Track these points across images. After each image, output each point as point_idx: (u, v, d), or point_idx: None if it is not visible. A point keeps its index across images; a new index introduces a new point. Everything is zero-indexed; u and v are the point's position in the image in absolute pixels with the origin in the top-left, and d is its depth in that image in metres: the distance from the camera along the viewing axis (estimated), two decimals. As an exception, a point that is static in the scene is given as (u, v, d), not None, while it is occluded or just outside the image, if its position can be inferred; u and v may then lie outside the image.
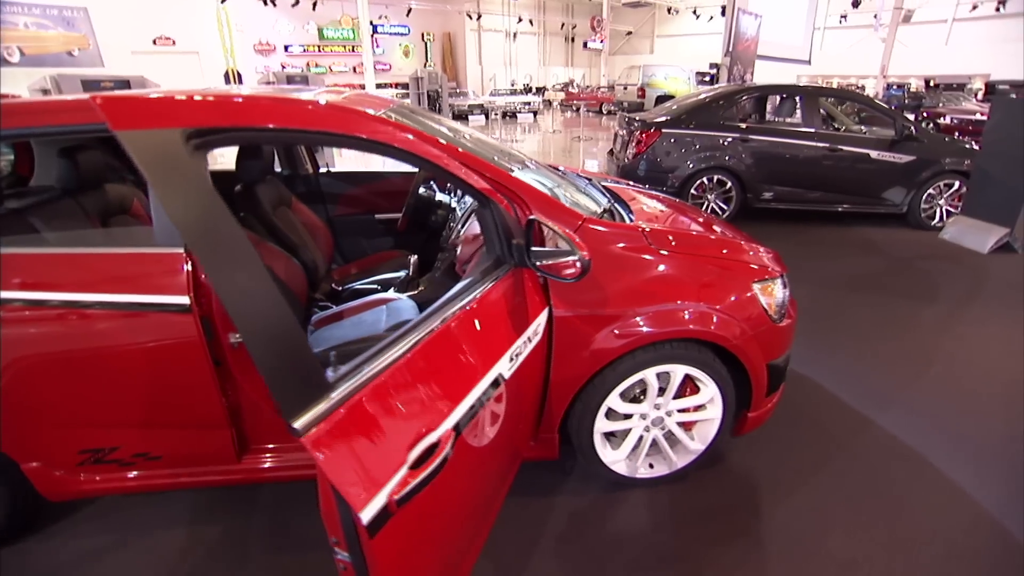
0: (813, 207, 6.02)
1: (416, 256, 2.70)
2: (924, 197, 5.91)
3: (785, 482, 2.29)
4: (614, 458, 2.17)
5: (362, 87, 13.32)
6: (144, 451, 1.83)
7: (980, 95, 17.98)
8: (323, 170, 3.30)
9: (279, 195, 2.77)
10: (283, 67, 18.63)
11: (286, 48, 19.27)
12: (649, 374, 2.01)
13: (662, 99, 17.53)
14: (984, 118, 13.73)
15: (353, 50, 20.17)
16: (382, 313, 2.35)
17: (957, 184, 5.84)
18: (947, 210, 5.97)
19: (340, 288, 2.77)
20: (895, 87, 18.14)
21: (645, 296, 1.91)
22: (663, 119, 5.83)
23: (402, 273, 2.81)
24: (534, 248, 1.65)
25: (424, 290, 2.61)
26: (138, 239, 1.80)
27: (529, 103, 19.74)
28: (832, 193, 5.93)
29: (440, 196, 2.92)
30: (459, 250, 2.03)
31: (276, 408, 1.03)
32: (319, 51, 19.97)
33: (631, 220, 2.23)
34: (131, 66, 13.53)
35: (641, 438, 2.16)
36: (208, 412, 1.78)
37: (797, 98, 6.04)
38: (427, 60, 23.65)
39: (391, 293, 2.67)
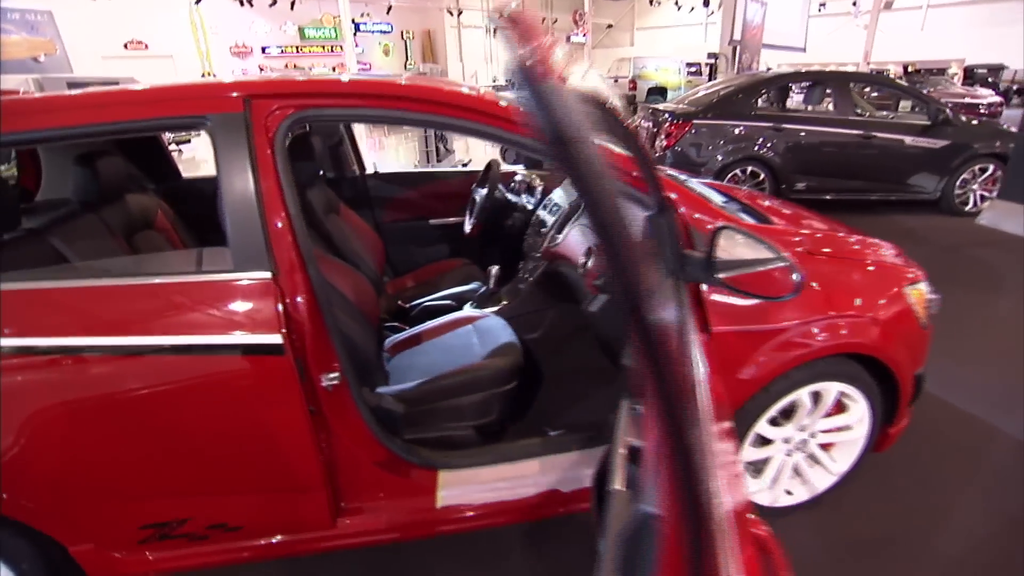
0: (845, 196, 5.83)
1: (498, 267, 2.38)
2: (958, 182, 5.75)
3: (937, 504, 2.04)
4: (756, 488, 1.90)
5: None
6: (221, 522, 1.50)
7: (959, 80, 18.16)
8: (370, 171, 2.95)
9: (328, 201, 2.44)
10: (261, 69, 18.04)
11: (263, 50, 18.64)
12: (803, 394, 1.76)
13: (653, 91, 17.35)
14: (974, 101, 13.96)
15: (332, 50, 19.63)
16: (471, 335, 2.03)
17: (991, 168, 5.69)
18: (981, 195, 5.82)
19: (407, 305, 2.44)
20: (875, 73, 18.22)
21: (805, 307, 1.64)
22: (692, 110, 5.57)
23: (476, 286, 2.49)
24: (720, 259, 1.35)
25: (509, 304, 2.29)
26: (208, 261, 1.46)
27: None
28: (866, 181, 5.74)
29: (512, 198, 2.60)
30: (588, 261, 1.72)
31: (381, 456, 0.74)
32: (298, 52, 19.38)
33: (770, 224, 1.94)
34: (102, 71, 12.88)
35: (782, 463, 1.91)
36: (301, 470, 1.46)
37: (827, 85, 5.83)
38: (407, 58, 23.17)
39: (470, 309, 2.34)
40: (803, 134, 5.50)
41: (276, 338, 1.29)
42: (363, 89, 1.44)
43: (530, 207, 2.55)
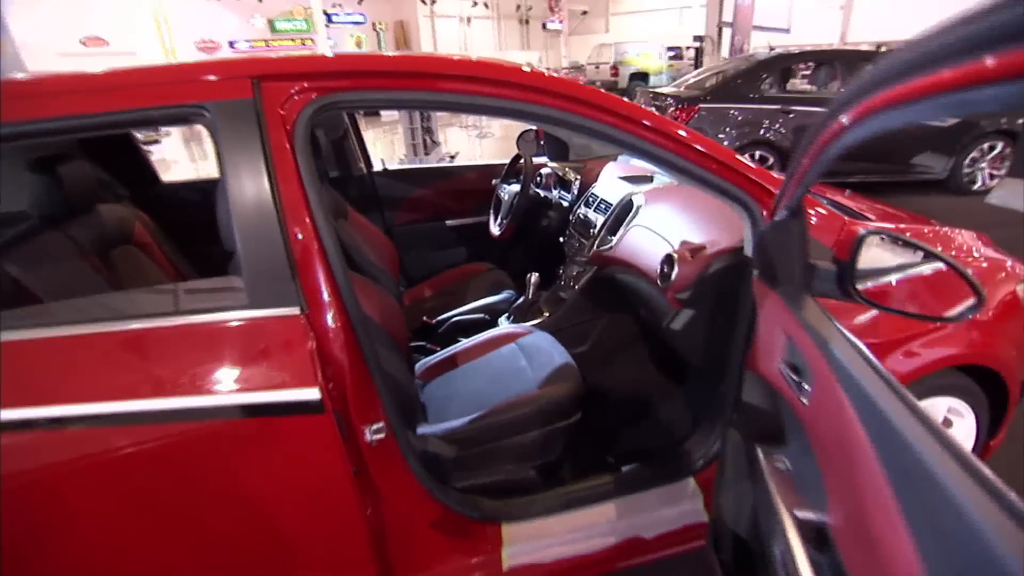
0: (852, 179, 5.65)
1: (537, 275, 2.10)
2: (966, 161, 5.61)
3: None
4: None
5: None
6: None
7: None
8: (378, 168, 2.63)
9: (335, 205, 2.12)
10: (229, 64, 17.36)
11: (231, 44, 17.96)
12: None
13: (636, 76, 17.14)
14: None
15: (304, 43, 19.01)
16: (517, 356, 1.75)
17: (1001, 146, 5.56)
18: (990, 173, 5.69)
19: (434, 321, 2.15)
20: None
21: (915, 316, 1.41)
22: (696, 94, 5.33)
23: (508, 295, 2.20)
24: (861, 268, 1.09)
25: (552, 316, 2.02)
26: (214, 296, 1.16)
27: (494, 89, 18.98)
28: (875, 163, 5.57)
29: (543, 194, 2.31)
30: (673, 270, 1.45)
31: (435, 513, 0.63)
32: (267, 45, 18.74)
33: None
34: (61, 68, 12.16)
35: None
36: (345, 546, 1.20)
37: (835, 64, 5.63)
38: (380, 50, 22.63)
39: (507, 324, 2.06)
40: (812, 117, 5.29)
41: (312, 393, 1.00)
42: (417, 67, 1.13)
43: (565, 204, 2.27)
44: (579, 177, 2.26)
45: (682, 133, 1.22)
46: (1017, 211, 5.13)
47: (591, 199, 2.06)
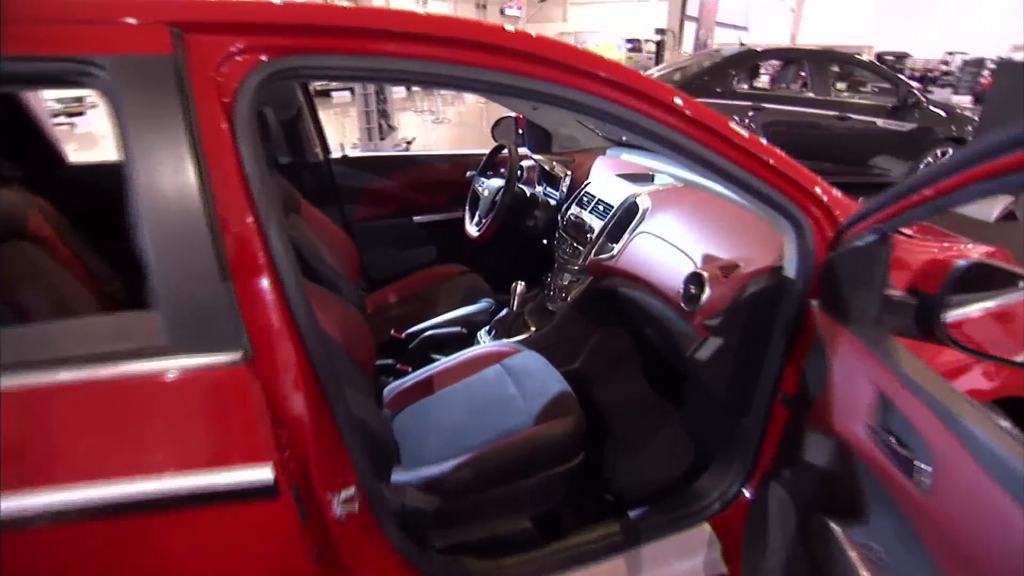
0: (817, 180, 5.66)
1: (523, 284, 1.84)
2: (922, 166, 5.70)
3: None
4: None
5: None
6: None
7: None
8: (336, 155, 2.30)
9: (286, 197, 1.81)
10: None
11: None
12: None
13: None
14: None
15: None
16: (504, 381, 1.51)
17: (951, 152, 5.68)
18: (942, 179, 5.81)
19: (403, 335, 1.87)
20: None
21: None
22: (667, 86, 5.18)
23: (486, 304, 1.94)
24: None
25: (539, 331, 1.78)
26: (119, 335, 0.84)
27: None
28: (836, 163, 5.57)
29: (527, 190, 2.05)
30: (703, 292, 1.21)
31: None
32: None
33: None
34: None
35: None
36: None
37: (804, 63, 5.58)
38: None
39: (488, 339, 1.81)
40: (784, 114, 5.24)
41: (263, 472, 0.72)
42: (419, 27, 0.83)
43: (553, 202, 2.01)
44: (569, 172, 2.01)
45: (740, 133, 1.00)
46: (970, 216, 5.25)
47: (585, 198, 1.82)
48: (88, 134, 9.23)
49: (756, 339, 1.21)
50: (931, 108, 5.65)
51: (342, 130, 10.14)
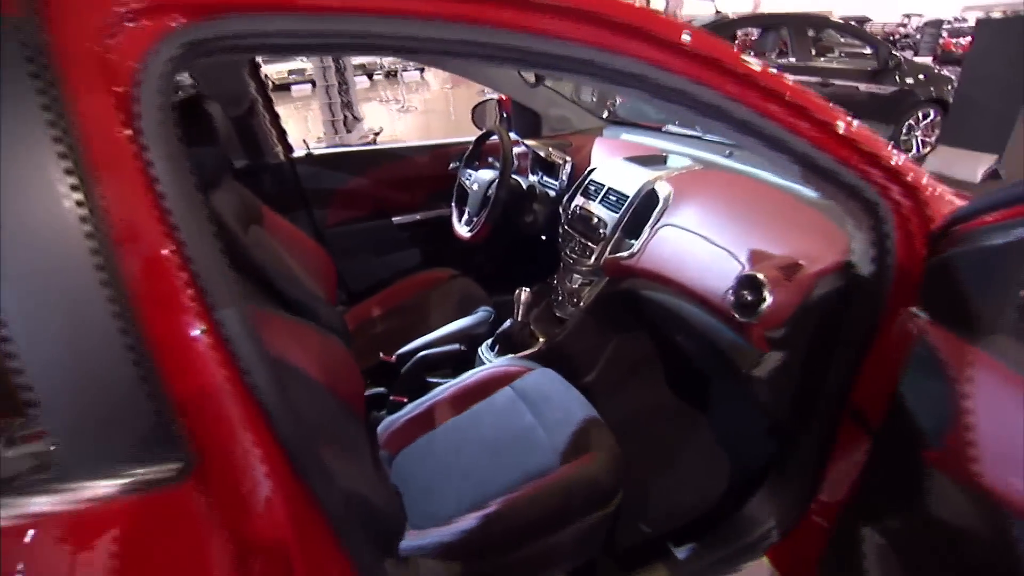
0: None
1: (528, 290, 1.60)
2: (904, 128, 5.60)
3: None
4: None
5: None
6: None
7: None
8: (300, 153, 2.02)
9: (243, 206, 1.54)
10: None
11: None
12: None
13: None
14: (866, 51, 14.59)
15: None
16: (519, 410, 1.29)
17: (932, 113, 5.59)
18: (922, 140, 5.73)
19: (393, 358, 1.63)
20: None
21: None
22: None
23: (485, 314, 1.71)
24: None
25: (549, 344, 1.56)
26: None
27: (411, 61, 17.99)
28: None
29: (523, 181, 1.80)
30: (763, 299, 0.99)
31: None
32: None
33: None
34: None
35: None
36: None
37: (783, 30, 5.41)
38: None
39: (492, 356, 1.58)
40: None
41: None
42: None
43: (552, 193, 1.78)
44: (568, 159, 1.78)
45: (805, 94, 0.79)
46: (956, 178, 5.17)
47: (591, 187, 1.59)
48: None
49: (824, 349, 1.01)
50: (912, 70, 5.54)
51: (305, 125, 9.72)
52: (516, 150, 1.98)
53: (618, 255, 1.42)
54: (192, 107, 1.34)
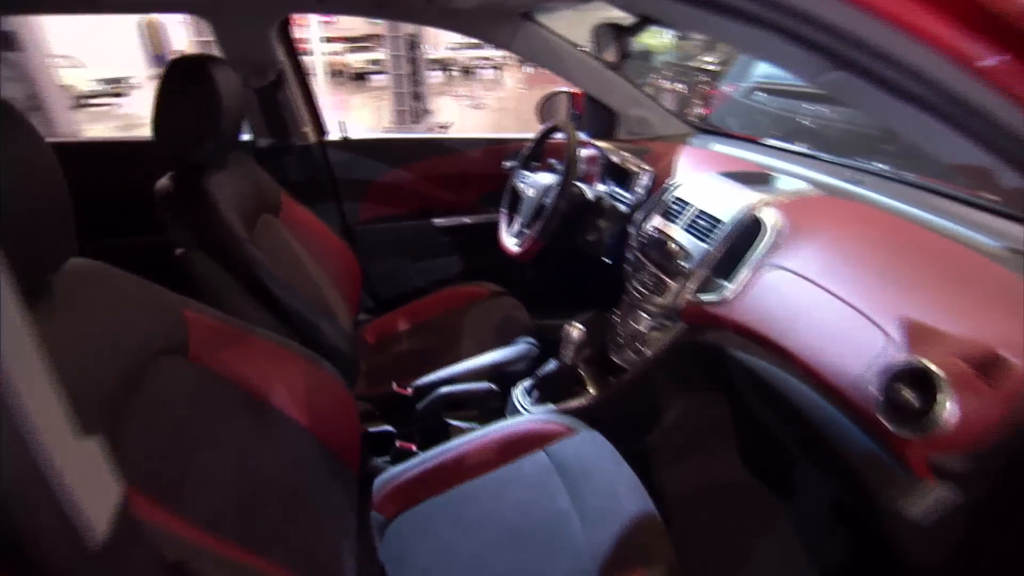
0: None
1: (579, 328, 1.28)
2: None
3: None
4: None
5: (306, 41, 11.29)
6: None
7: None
8: (334, 136, 1.78)
9: (256, 191, 1.31)
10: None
11: None
12: None
13: (641, 55, 16.12)
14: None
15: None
16: (552, 487, 1.01)
17: None
18: None
19: (409, 391, 1.35)
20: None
21: None
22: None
23: (526, 348, 1.41)
24: None
25: (601, 397, 1.25)
26: None
27: (489, 58, 17.93)
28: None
29: (587, 191, 1.48)
30: (941, 406, 0.63)
31: None
32: None
33: None
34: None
35: None
36: None
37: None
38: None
39: (528, 402, 1.28)
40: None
41: None
42: None
43: (624, 208, 1.45)
44: (647, 168, 1.45)
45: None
46: None
47: (673, 206, 1.25)
48: (126, 115, 9.18)
49: None
50: None
51: (378, 114, 9.73)
52: (584, 152, 1.67)
53: (703, 298, 1.08)
54: (192, 69, 1.10)
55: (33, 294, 0.59)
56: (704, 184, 1.25)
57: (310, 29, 11.42)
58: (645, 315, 1.24)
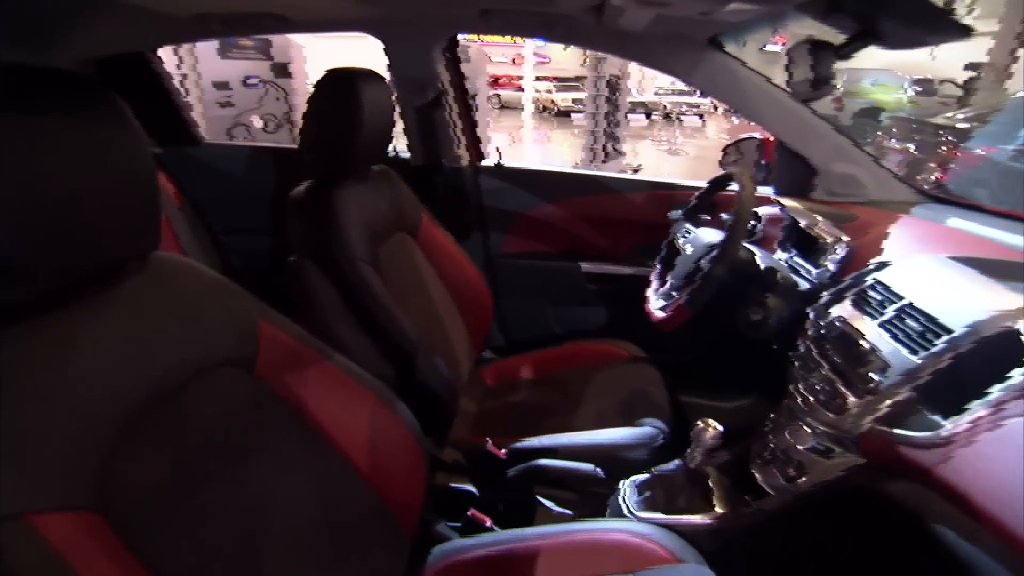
0: None
1: (716, 427, 1.01)
2: None
3: None
4: None
5: (519, 78, 11.99)
6: None
7: None
8: (489, 162, 1.73)
9: (394, 209, 1.26)
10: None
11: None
12: None
13: (865, 112, 14.35)
14: None
15: (514, 41, 19.03)
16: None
17: None
18: None
19: (502, 452, 1.19)
20: None
21: None
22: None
23: (652, 432, 1.17)
24: None
25: (727, 522, 0.96)
26: None
27: (696, 105, 17.45)
28: None
29: (760, 256, 1.20)
30: None
31: None
32: (482, 40, 19.10)
33: None
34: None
35: None
36: None
37: None
38: (586, 54, 22.09)
39: (635, 503, 1.05)
40: None
41: None
42: None
43: (805, 285, 1.14)
44: (845, 240, 1.12)
45: None
46: None
47: (874, 295, 0.93)
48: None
49: None
50: None
51: (567, 149, 9.92)
52: (765, 211, 1.38)
53: (898, 432, 0.76)
54: (340, 82, 1.09)
55: (104, 279, 0.59)
56: (926, 270, 0.91)
57: (524, 67, 12.13)
58: (808, 430, 0.93)
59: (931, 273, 0.89)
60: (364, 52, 1.62)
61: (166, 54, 4.28)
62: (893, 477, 0.78)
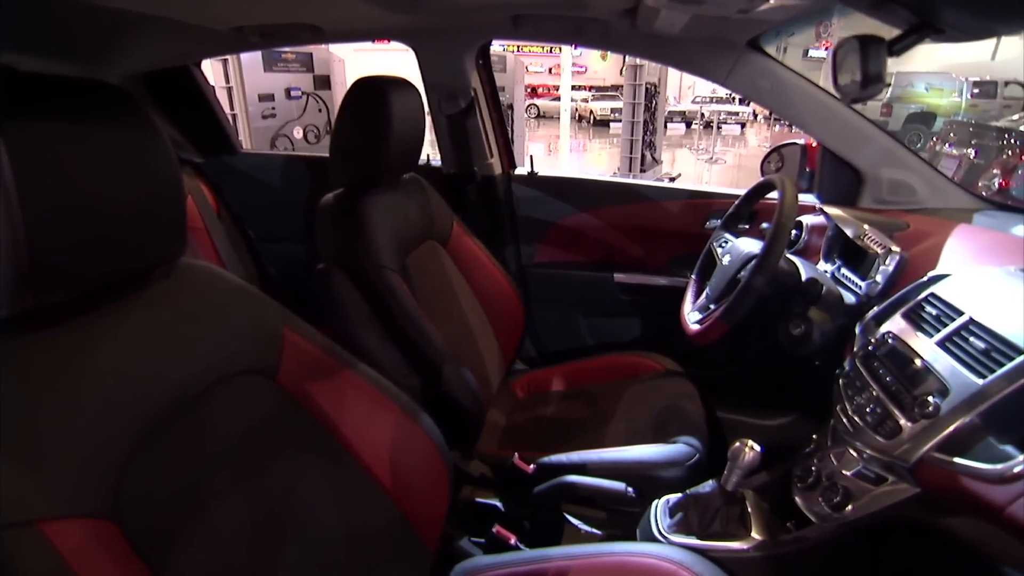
0: None
1: (755, 447, 0.95)
2: None
3: None
4: None
5: (557, 88, 12.02)
6: None
7: None
8: (522, 170, 1.71)
9: (425, 217, 1.25)
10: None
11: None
12: None
13: (916, 118, 13.76)
14: None
15: (551, 51, 19.13)
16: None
17: None
18: None
19: (530, 467, 1.15)
20: None
21: None
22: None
23: (685, 451, 1.12)
24: None
25: (766, 548, 0.90)
26: None
27: (736, 113, 17.13)
28: None
29: (804, 267, 1.13)
30: None
31: None
32: (519, 50, 19.23)
33: None
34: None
35: None
36: None
37: None
38: (624, 63, 21.99)
39: (667, 526, 1.00)
40: None
41: None
42: None
43: (852, 299, 1.07)
44: (897, 250, 1.05)
45: None
46: None
47: (929, 311, 0.86)
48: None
49: None
50: None
51: (611, 159, 9.86)
52: (808, 220, 1.32)
53: (961, 463, 0.69)
54: (370, 90, 1.09)
55: (130, 285, 0.59)
56: (991, 283, 0.84)
57: (562, 77, 12.15)
58: (855, 454, 0.87)
59: (997, 286, 0.82)
60: (403, 63, 1.63)
61: (215, 69, 4.48)
62: (953, 511, 0.71)
